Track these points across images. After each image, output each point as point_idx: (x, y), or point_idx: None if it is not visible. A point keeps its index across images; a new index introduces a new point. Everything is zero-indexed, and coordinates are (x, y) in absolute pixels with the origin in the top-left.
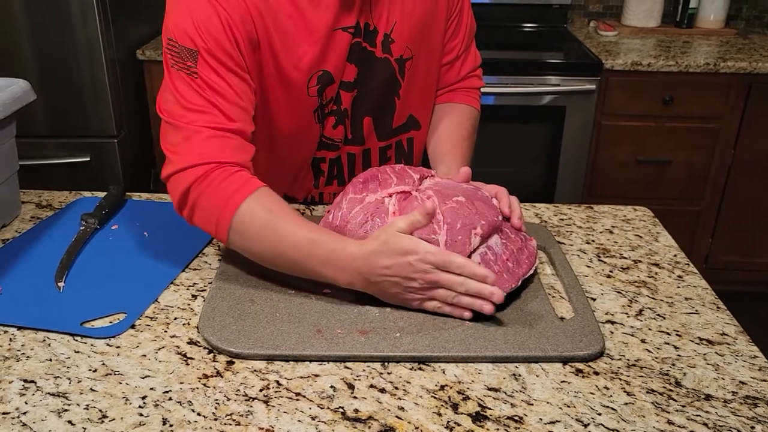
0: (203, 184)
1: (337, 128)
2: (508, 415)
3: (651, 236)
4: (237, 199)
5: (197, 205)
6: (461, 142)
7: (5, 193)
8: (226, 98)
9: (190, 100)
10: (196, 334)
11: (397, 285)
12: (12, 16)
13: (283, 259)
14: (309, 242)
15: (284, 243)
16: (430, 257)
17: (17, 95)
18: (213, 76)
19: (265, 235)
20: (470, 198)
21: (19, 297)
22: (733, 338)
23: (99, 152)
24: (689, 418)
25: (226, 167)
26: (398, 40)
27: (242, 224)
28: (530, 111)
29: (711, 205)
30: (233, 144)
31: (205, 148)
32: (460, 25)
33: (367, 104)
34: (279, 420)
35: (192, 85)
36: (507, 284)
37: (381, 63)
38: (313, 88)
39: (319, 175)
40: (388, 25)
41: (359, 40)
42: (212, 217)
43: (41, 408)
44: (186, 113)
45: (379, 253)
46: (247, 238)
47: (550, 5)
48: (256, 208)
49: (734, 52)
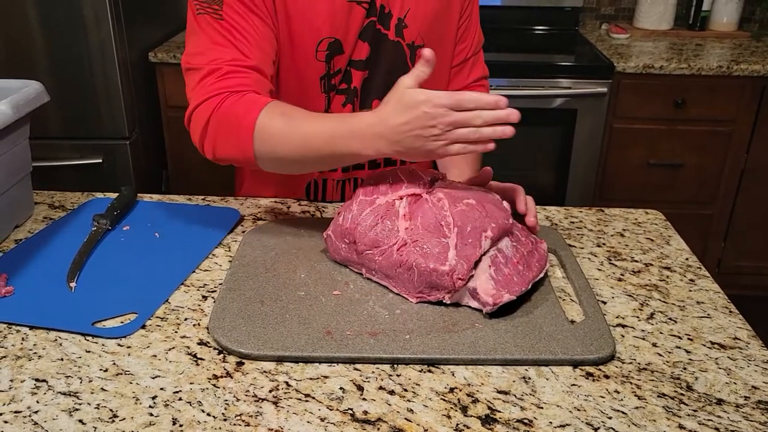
0: (222, 109)
1: (345, 107)
2: (518, 418)
3: (662, 239)
4: (253, 112)
5: (219, 132)
6: None
7: (18, 193)
8: (246, 38)
9: (213, 40)
10: (206, 334)
11: (419, 138)
12: (26, 18)
13: (309, 151)
14: (327, 126)
15: (306, 135)
16: (442, 100)
17: (31, 97)
18: (236, 17)
19: (287, 134)
20: (480, 201)
21: (32, 297)
22: (745, 342)
23: (111, 154)
24: (701, 422)
25: (239, 94)
26: (411, 26)
27: (264, 132)
28: (541, 114)
29: (723, 209)
30: (250, 78)
31: (222, 83)
32: (470, 28)
33: (377, 87)
34: (288, 421)
35: (215, 26)
36: (517, 287)
37: (393, 46)
38: (322, 53)
39: None
40: (402, 10)
41: (374, 20)
42: (233, 137)
43: (52, 407)
44: (206, 53)
45: (394, 113)
46: (271, 143)
47: (562, 8)
48: (272, 115)
49: (747, 54)
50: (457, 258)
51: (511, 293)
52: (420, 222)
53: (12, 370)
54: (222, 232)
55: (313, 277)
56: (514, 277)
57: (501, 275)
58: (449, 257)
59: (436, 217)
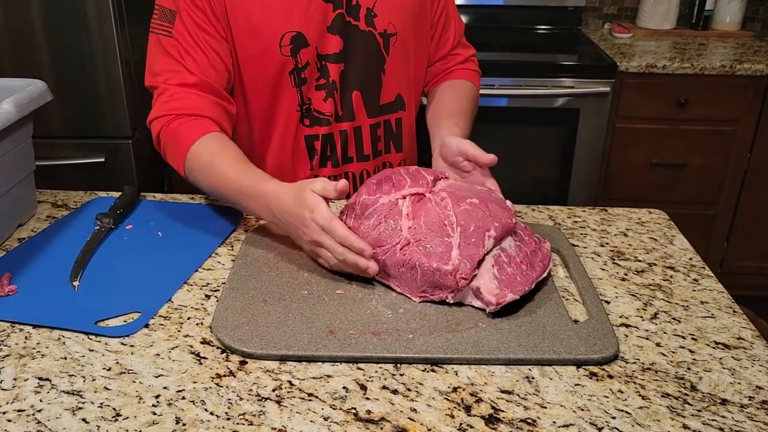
0: (168, 130)
1: (327, 101)
2: (521, 418)
3: (666, 239)
4: (188, 142)
5: (166, 147)
6: (466, 106)
7: (22, 192)
8: (191, 55)
9: (162, 61)
10: (209, 333)
11: (295, 230)
12: (29, 17)
13: (221, 194)
14: (239, 179)
15: (219, 179)
16: (319, 219)
17: (34, 96)
18: (185, 35)
19: (207, 172)
20: (484, 200)
21: (35, 295)
22: (749, 342)
23: (114, 153)
24: (705, 422)
25: (184, 117)
26: (381, 15)
27: (191, 163)
28: (544, 113)
29: (726, 209)
30: (196, 98)
31: (171, 105)
32: (450, 17)
33: (354, 78)
34: (291, 420)
35: (165, 46)
36: (521, 287)
37: (364, 36)
38: (286, 47)
39: (313, 154)
40: (369, 0)
41: (342, 12)
42: (174, 158)
43: (56, 406)
44: (160, 72)
45: (287, 199)
46: (195, 175)
47: (565, 7)
48: (202, 149)
49: (751, 54)
50: (460, 257)
51: (514, 293)
52: (423, 221)
53: (15, 369)
54: (225, 230)
55: (316, 276)
56: (517, 277)
57: (504, 275)
58: (452, 257)
59: (440, 217)
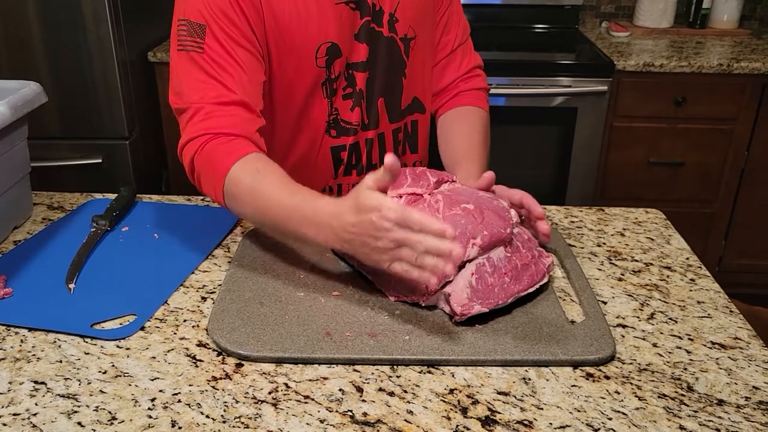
0: (203, 154)
1: (354, 111)
2: (518, 420)
3: (663, 239)
4: (227, 164)
5: (201, 173)
6: (476, 147)
7: (17, 194)
8: (229, 72)
9: (195, 77)
10: (205, 336)
11: (366, 245)
12: (25, 18)
13: (268, 219)
14: (290, 200)
15: (267, 204)
16: (390, 214)
17: (29, 97)
18: (219, 50)
19: (251, 197)
20: (480, 207)
21: (30, 298)
22: (746, 342)
23: (110, 154)
24: (701, 423)
25: (222, 137)
26: (402, 20)
27: (232, 188)
28: (541, 112)
29: (724, 208)
30: (234, 117)
31: (206, 123)
32: (452, 17)
33: (379, 85)
34: (287, 423)
35: (198, 61)
36: (495, 300)
37: (388, 42)
38: (321, 59)
39: (339, 164)
40: (392, 5)
41: (368, 19)
42: (211, 184)
43: (51, 409)
44: (191, 92)
45: (349, 211)
46: (237, 201)
47: (562, 6)
48: (243, 172)
49: (748, 52)
50: None
51: (484, 305)
52: None
53: (11, 372)
54: (221, 232)
55: (312, 278)
56: (495, 289)
57: (482, 284)
58: None
59: None
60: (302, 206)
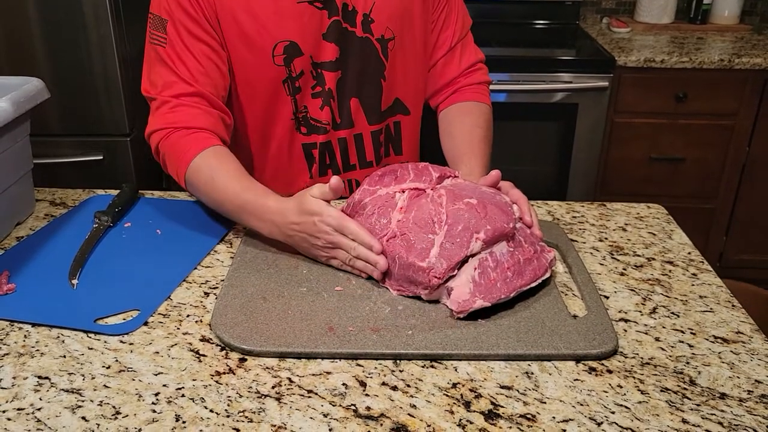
0: (167, 144)
1: (323, 109)
2: (521, 414)
3: (665, 234)
4: (189, 156)
5: (165, 160)
6: (479, 142)
7: (20, 191)
8: (186, 65)
9: (158, 71)
10: (208, 331)
11: (305, 240)
12: (26, 15)
13: (223, 210)
14: (240, 195)
15: (221, 195)
16: (329, 220)
17: (31, 94)
18: (179, 44)
19: (207, 188)
20: (483, 202)
21: (34, 294)
22: (748, 336)
23: (112, 150)
24: (704, 417)
25: (183, 130)
26: (378, 20)
27: (192, 178)
28: (542, 108)
29: (725, 203)
30: (195, 109)
31: (170, 117)
32: (450, 14)
33: (352, 85)
34: (291, 417)
35: (161, 55)
36: (497, 294)
37: (362, 42)
38: (279, 57)
39: (312, 162)
40: (366, 5)
41: (338, 19)
42: (174, 171)
43: (55, 404)
44: (157, 83)
45: (292, 212)
46: (196, 189)
47: (563, 2)
48: (202, 164)
49: (749, 48)
50: (438, 256)
51: (487, 300)
52: (413, 216)
53: (14, 368)
54: (224, 228)
55: (315, 273)
56: (498, 283)
57: (485, 279)
58: (431, 254)
59: (430, 213)
60: (251, 202)
